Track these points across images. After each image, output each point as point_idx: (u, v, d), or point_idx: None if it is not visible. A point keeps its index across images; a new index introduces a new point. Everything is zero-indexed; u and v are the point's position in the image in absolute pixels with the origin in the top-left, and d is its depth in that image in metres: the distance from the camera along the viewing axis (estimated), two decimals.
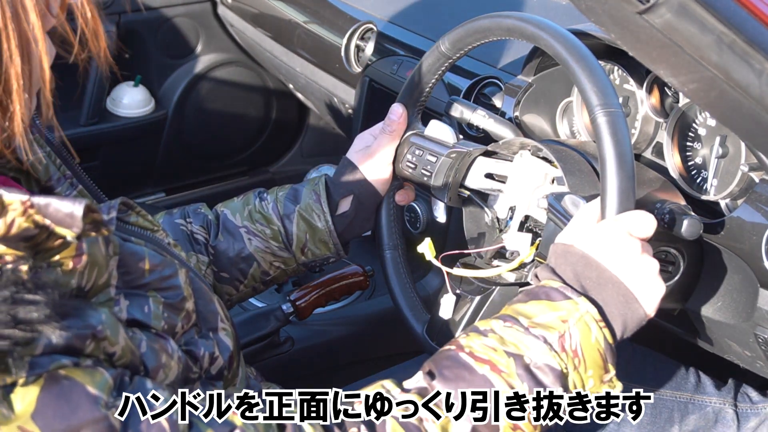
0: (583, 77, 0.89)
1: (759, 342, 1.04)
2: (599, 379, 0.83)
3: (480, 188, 1.15)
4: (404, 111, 1.18)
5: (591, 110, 0.88)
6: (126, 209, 0.85)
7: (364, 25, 1.78)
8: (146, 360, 0.74)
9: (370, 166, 1.17)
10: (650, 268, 0.86)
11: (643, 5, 0.75)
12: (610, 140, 0.86)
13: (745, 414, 1.35)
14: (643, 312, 0.85)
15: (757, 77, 0.79)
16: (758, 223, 0.97)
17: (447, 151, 1.14)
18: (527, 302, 0.85)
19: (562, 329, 0.81)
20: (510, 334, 0.82)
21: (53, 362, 0.64)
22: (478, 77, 1.46)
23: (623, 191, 0.87)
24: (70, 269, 0.69)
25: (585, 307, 0.82)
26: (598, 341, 0.82)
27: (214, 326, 0.88)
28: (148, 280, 0.80)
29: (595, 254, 0.85)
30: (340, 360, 1.59)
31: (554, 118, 1.32)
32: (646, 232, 0.86)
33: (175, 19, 2.30)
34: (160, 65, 2.32)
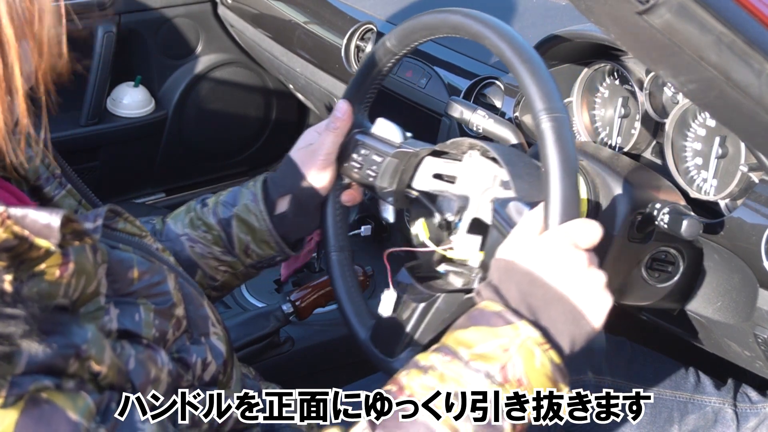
0: (528, 80, 0.86)
1: (758, 342, 1.04)
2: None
3: (428, 189, 1.11)
4: (349, 108, 1.14)
5: (535, 115, 0.84)
6: (113, 216, 0.84)
7: (364, 25, 1.78)
8: (134, 377, 0.73)
9: (311, 165, 1.13)
10: (597, 281, 0.82)
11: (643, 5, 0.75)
12: (554, 146, 0.82)
13: (744, 414, 1.35)
14: (591, 327, 0.81)
15: (757, 77, 0.79)
16: (758, 224, 0.98)
17: (393, 150, 1.10)
18: (468, 328, 0.80)
19: (503, 359, 0.77)
20: (451, 369, 0.78)
21: (34, 382, 0.63)
22: (478, 77, 1.46)
23: (567, 200, 0.82)
24: (57, 278, 0.68)
25: (526, 332, 0.77)
26: (544, 365, 0.77)
27: (205, 331, 0.88)
28: (137, 288, 0.79)
29: (540, 271, 0.80)
30: (340, 360, 1.59)
31: None
32: (591, 241, 0.82)
33: (175, 20, 2.30)
34: (160, 65, 2.32)
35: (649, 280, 1.08)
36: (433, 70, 1.56)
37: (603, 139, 1.26)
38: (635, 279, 1.08)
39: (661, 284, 1.08)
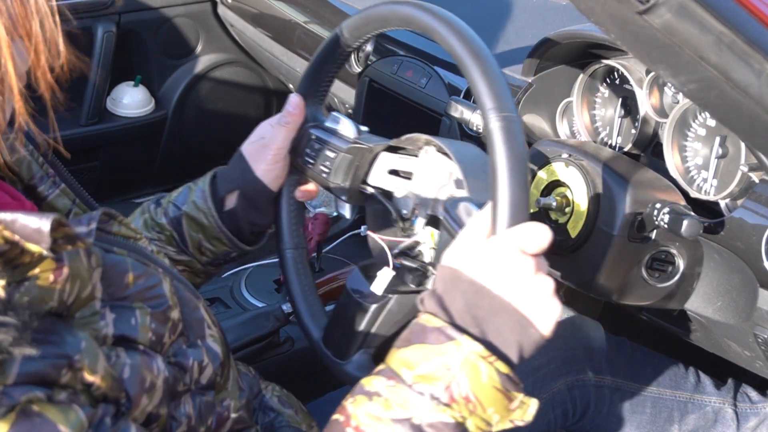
0: (477, 77, 0.82)
1: (758, 342, 1.04)
2: (504, 411, 0.77)
3: (383, 186, 1.08)
4: (301, 102, 1.11)
5: (484, 114, 0.81)
6: (108, 219, 0.83)
7: None
8: (128, 387, 0.73)
9: (260, 160, 1.10)
10: (544, 288, 0.78)
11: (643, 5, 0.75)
12: (503, 147, 0.78)
13: (744, 413, 1.35)
14: (540, 335, 0.78)
15: (757, 77, 0.79)
16: (758, 224, 0.98)
17: (347, 145, 1.07)
18: (410, 346, 0.77)
19: (447, 378, 0.74)
20: (395, 393, 0.75)
21: (25, 393, 0.62)
22: None
23: (515, 203, 0.78)
24: (51, 283, 0.67)
25: (468, 347, 0.74)
26: (491, 378, 0.74)
27: (201, 334, 0.87)
28: (133, 291, 0.78)
29: (486, 279, 0.77)
30: None
31: (554, 118, 1.32)
32: (539, 246, 0.78)
33: (175, 19, 2.30)
34: (160, 65, 2.32)
35: (649, 280, 1.08)
36: (434, 70, 1.56)
37: (603, 139, 1.26)
38: (635, 279, 1.08)
39: (661, 284, 1.08)
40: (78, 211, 0.91)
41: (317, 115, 1.13)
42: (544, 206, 1.14)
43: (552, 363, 1.28)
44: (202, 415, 0.85)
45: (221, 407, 0.90)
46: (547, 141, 1.19)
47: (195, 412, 0.84)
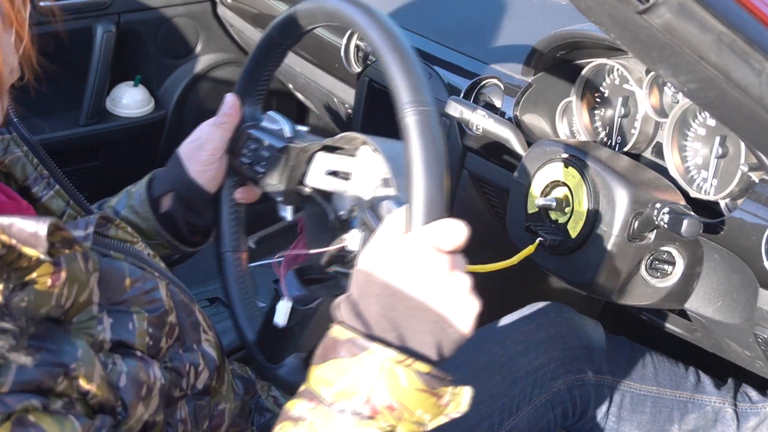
0: (395, 70, 0.80)
1: (759, 342, 1.04)
2: (436, 408, 0.75)
3: (321, 187, 1.06)
4: (237, 101, 1.10)
5: (399, 108, 0.79)
6: (105, 223, 0.83)
7: None
8: (124, 395, 0.72)
9: (195, 160, 1.09)
10: (461, 286, 0.76)
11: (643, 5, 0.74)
12: (418, 142, 0.76)
13: (744, 413, 1.35)
14: (459, 334, 0.76)
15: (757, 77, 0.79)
16: (758, 223, 0.97)
17: (281, 145, 1.06)
18: (325, 363, 0.75)
19: (366, 391, 0.72)
20: (318, 415, 0.73)
21: (21, 402, 0.61)
22: (478, 77, 1.46)
23: (430, 200, 0.76)
24: (48, 287, 0.67)
25: (382, 355, 0.72)
26: (411, 381, 0.72)
27: (197, 338, 0.87)
28: (130, 296, 0.78)
29: (401, 281, 0.75)
30: None
31: (554, 118, 1.32)
32: (454, 243, 0.76)
33: (175, 19, 2.30)
34: (159, 65, 2.32)
35: (649, 280, 1.08)
36: (433, 70, 1.56)
37: (603, 139, 1.26)
38: (635, 279, 1.08)
39: (661, 284, 1.08)
40: (72, 213, 0.90)
41: (255, 115, 1.11)
42: (544, 206, 1.14)
43: (552, 363, 1.28)
44: (198, 420, 0.85)
45: (216, 411, 0.90)
46: (546, 141, 1.19)
47: (190, 417, 0.83)
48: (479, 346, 1.29)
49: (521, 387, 1.26)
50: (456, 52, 1.56)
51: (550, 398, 1.28)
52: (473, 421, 1.22)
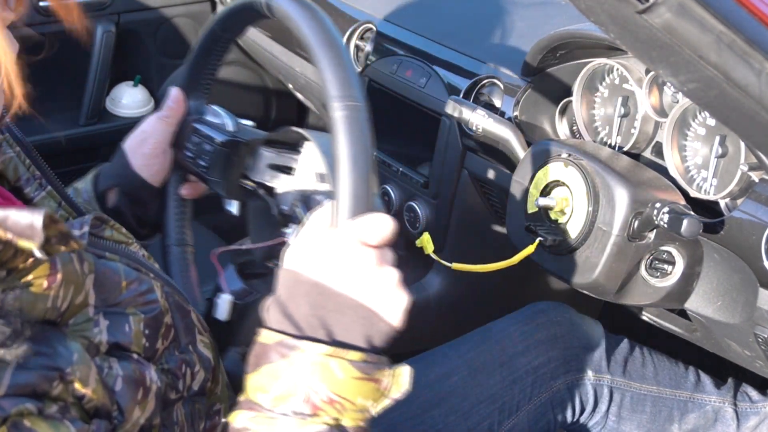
0: (325, 65, 0.79)
1: (759, 342, 1.04)
2: (377, 393, 0.75)
3: (264, 181, 1.06)
4: (181, 95, 1.10)
5: (328, 103, 0.78)
6: (100, 224, 0.82)
7: (363, 25, 1.78)
8: (120, 400, 0.72)
9: (139, 154, 1.09)
10: (389, 280, 0.75)
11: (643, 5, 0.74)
12: (345, 137, 0.76)
13: (744, 413, 1.35)
14: (389, 327, 0.76)
15: (757, 77, 0.79)
16: (758, 223, 0.98)
17: (223, 139, 1.06)
18: (259, 369, 0.75)
19: (304, 390, 0.72)
20: (261, 423, 0.73)
21: (16, 405, 0.61)
22: (477, 77, 1.46)
23: (356, 194, 0.75)
24: (45, 289, 0.67)
25: (312, 350, 0.72)
26: (346, 371, 0.73)
27: (192, 340, 0.87)
28: (125, 297, 0.77)
29: (328, 278, 0.74)
30: None
31: (554, 118, 1.32)
32: (381, 237, 0.75)
33: (175, 19, 2.30)
34: (159, 65, 2.32)
35: (649, 279, 1.08)
36: (433, 70, 1.56)
37: (603, 139, 1.26)
38: (635, 279, 1.08)
39: (661, 284, 1.08)
40: (64, 214, 0.90)
41: (200, 108, 1.11)
42: (544, 206, 1.14)
43: (552, 362, 1.29)
44: (194, 422, 0.85)
45: (212, 412, 0.90)
46: (546, 141, 1.19)
47: (186, 419, 0.83)
48: (479, 346, 1.30)
49: (521, 386, 1.26)
50: (456, 52, 1.56)
51: (550, 398, 1.28)
52: (473, 421, 1.22)
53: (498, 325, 1.34)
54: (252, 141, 1.06)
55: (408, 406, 1.21)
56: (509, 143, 1.26)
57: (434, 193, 1.60)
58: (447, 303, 1.69)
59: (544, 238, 1.13)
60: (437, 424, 1.20)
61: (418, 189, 1.63)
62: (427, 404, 1.22)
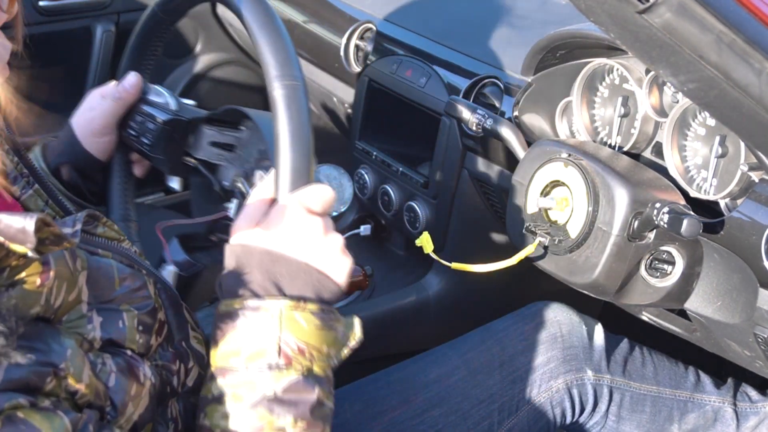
0: (265, 46, 0.84)
1: (758, 342, 1.04)
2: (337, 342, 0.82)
3: (206, 158, 1.11)
4: (140, 82, 1.15)
5: (269, 82, 0.83)
6: (92, 221, 0.83)
7: (363, 24, 1.78)
8: (113, 395, 0.72)
9: (89, 133, 1.13)
10: (335, 244, 0.83)
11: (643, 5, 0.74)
12: (285, 114, 0.81)
13: (744, 413, 1.35)
14: (337, 286, 0.82)
15: (757, 77, 0.79)
16: (758, 223, 0.97)
17: (166, 117, 1.11)
18: (225, 338, 0.79)
19: (274, 343, 0.77)
20: (237, 383, 0.77)
21: (9, 400, 0.61)
22: (477, 77, 1.46)
23: (297, 168, 0.81)
24: (38, 286, 0.67)
25: (276, 306, 0.78)
26: (309, 320, 0.78)
27: (185, 336, 0.87)
28: (119, 294, 0.78)
29: (279, 246, 0.80)
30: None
31: (554, 117, 1.32)
32: (324, 205, 0.82)
33: None
34: (159, 65, 2.31)
35: (649, 279, 1.08)
36: (433, 70, 1.56)
37: (603, 139, 1.26)
38: (635, 279, 1.08)
39: (661, 284, 1.08)
40: (50, 213, 0.90)
41: (143, 88, 1.16)
42: (544, 206, 1.14)
43: (551, 362, 1.29)
44: (188, 418, 0.85)
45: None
46: (546, 141, 1.19)
47: (181, 415, 0.83)
48: (479, 346, 1.30)
49: (521, 386, 1.26)
50: (456, 52, 1.56)
51: (550, 397, 1.28)
52: (473, 421, 1.22)
53: (498, 324, 1.34)
54: (194, 119, 1.10)
55: (408, 405, 1.21)
56: (509, 143, 1.26)
57: (434, 193, 1.60)
58: (447, 303, 1.69)
59: (544, 238, 1.13)
60: (437, 424, 1.20)
61: (418, 189, 1.63)
62: (427, 404, 1.22)
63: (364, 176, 1.76)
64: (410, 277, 1.75)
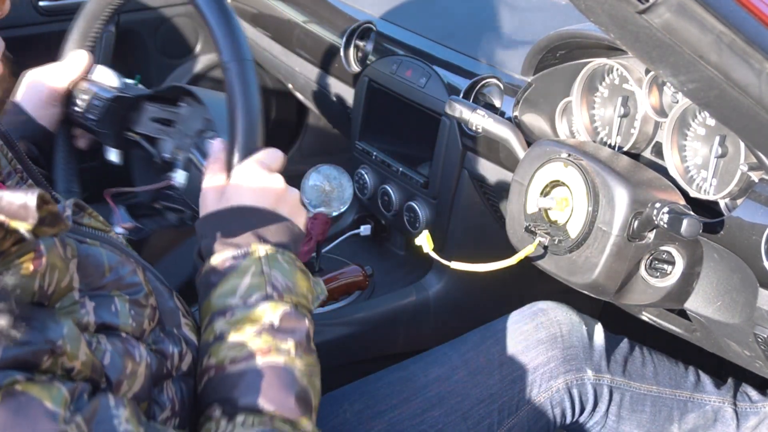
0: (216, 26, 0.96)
1: (758, 342, 1.04)
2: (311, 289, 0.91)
3: (148, 132, 1.20)
4: (90, 60, 1.21)
5: (222, 62, 0.95)
6: (78, 210, 0.84)
7: (363, 25, 1.78)
8: (109, 372, 0.73)
9: (38, 106, 1.17)
10: (295, 197, 0.96)
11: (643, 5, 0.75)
12: (237, 89, 0.94)
13: (744, 413, 1.35)
14: (301, 233, 0.95)
15: (757, 77, 0.79)
16: (757, 223, 0.98)
17: (111, 95, 1.18)
18: (218, 286, 0.87)
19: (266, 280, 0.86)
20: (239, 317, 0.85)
21: (7, 378, 0.62)
22: (477, 77, 1.46)
23: (252, 134, 0.94)
24: (31, 272, 0.67)
25: (263, 249, 0.88)
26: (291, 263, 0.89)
27: (176, 322, 0.88)
28: (109, 280, 0.79)
29: (250, 200, 0.91)
30: (340, 360, 1.59)
31: (553, 117, 1.32)
32: (279, 164, 0.96)
33: (174, 19, 2.30)
34: (159, 65, 2.32)
35: (648, 279, 1.08)
36: (433, 70, 1.56)
37: (602, 139, 1.26)
38: (635, 279, 1.08)
39: (660, 284, 1.08)
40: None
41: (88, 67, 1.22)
42: (544, 206, 1.14)
43: (552, 362, 1.28)
44: (185, 401, 0.85)
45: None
46: (546, 141, 1.19)
47: (178, 397, 0.84)
48: (479, 346, 1.30)
49: (521, 386, 1.26)
50: (456, 52, 1.56)
51: (550, 397, 1.28)
52: (473, 421, 1.22)
53: (498, 324, 1.34)
54: (138, 97, 1.19)
55: (408, 405, 1.21)
56: (509, 143, 1.26)
57: (434, 193, 1.60)
58: (447, 303, 1.69)
59: (544, 238, 1.13)
60: (437, 424, 1.20)
61: (418, 189, 1.63)
62: (427, 404, 1.22)
63: (364, 176, 1.76)
64: (410, 277, 1.75)
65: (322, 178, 1.65)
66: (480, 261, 1.18)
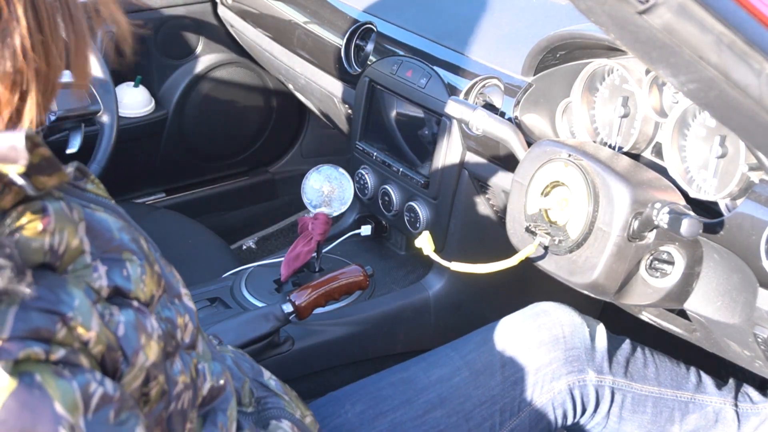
0: None
1: (758, 342, 1.04)
2: None
3: None
4: None
5: None
6: (81, 176, 0.82)
7: (363, 25, 1.78)
8: (124, 345, 0.72)
9: None
10: None
11: (643, 5, 0.75)
12: None
13: (745, 414, 1.35)
14: None
15: (757, 77, 0.79)
16: (757, 223, 0.98)
17: None
18: None
19: None
20: None
21: (23, 349, 0.60)
22: (478, 77, 1.46)
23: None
24: (40, 232, 0.66)
25: None
26: None
27: (178, 293, 0.87)
28: (118, 243, 0.77)
29: None
30: (340, 360, 1.59)
31: (554, 118, 1.32)
32: None
33: (175, 20, 2.30)
34: (160, 66, 2.32)
35: (648, 279, 1.08)
36: (433, 70, 1.56)
37: (603, 139, 1.26)
38: (635, 279, 1.08)
39: (660, 284, 1.08)
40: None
41: None
42: (544, 206, 1.14)
43: (553, 363, 1.28)
44: (192, 375, 0.85)
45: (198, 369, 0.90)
46: (546, 141, 1.19)
47: (186, 371, 0.84)
48: (481, 347, 1.30)
49: (522, 387, 1.26)
50: (456, 52, 1.56)
51: (552, 398, 1.28)
52: (475, 422, 1.22)
53: (500, 325, 1.34)
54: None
55: (410, 406, 1.21)
56: (509, 143, 1.26)
57: (434, 193, 1.60)
58: (447, 303, 1.69)
59: (544, 239, 1.13)
60: (439, 425, 1.20)
61: (418, 189, 1.63)
62: (429, 405, 1.22)
63: (364, 176, 1.76)
64: (410, 277, 1.75)
65: (323, 178, 1.65)
66: (480, 261, 1.18)
